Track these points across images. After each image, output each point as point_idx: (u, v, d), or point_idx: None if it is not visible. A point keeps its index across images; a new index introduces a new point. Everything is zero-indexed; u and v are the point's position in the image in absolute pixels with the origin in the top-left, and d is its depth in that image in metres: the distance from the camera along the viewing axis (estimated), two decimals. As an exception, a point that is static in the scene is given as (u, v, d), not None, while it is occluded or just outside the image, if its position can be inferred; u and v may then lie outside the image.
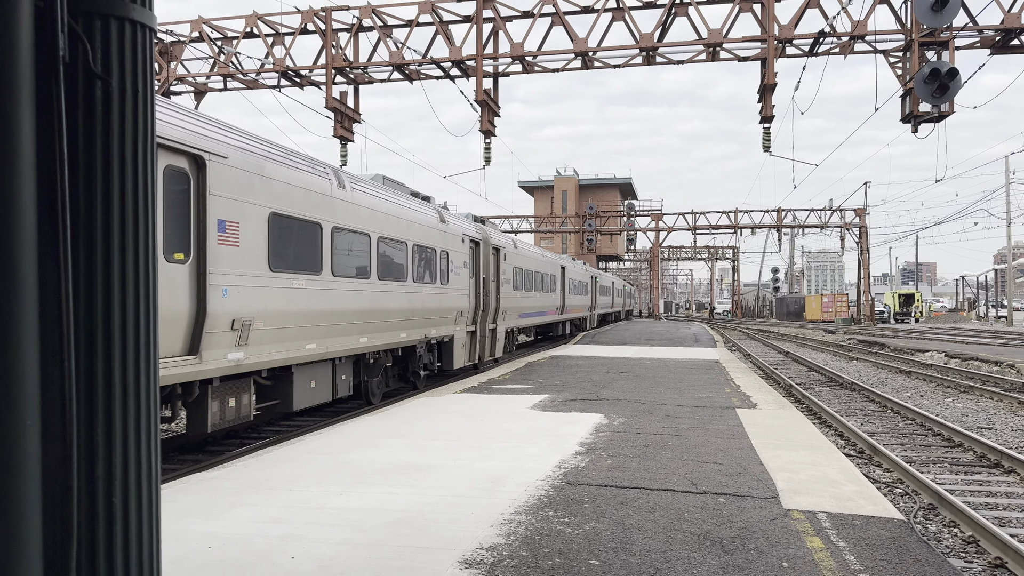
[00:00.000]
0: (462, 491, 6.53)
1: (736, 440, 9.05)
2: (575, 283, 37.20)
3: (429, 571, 4.55)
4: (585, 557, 4.87)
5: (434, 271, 15.55)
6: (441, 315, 15.95)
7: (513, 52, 20.04)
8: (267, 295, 9.22)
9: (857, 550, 5.17)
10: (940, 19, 16.22)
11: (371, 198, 12.54)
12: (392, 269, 13.24)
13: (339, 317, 11.12)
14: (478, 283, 18.66)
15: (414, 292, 14.28)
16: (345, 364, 11.92)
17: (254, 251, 9.01)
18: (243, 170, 8.87)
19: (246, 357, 8.82)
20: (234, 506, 6.00)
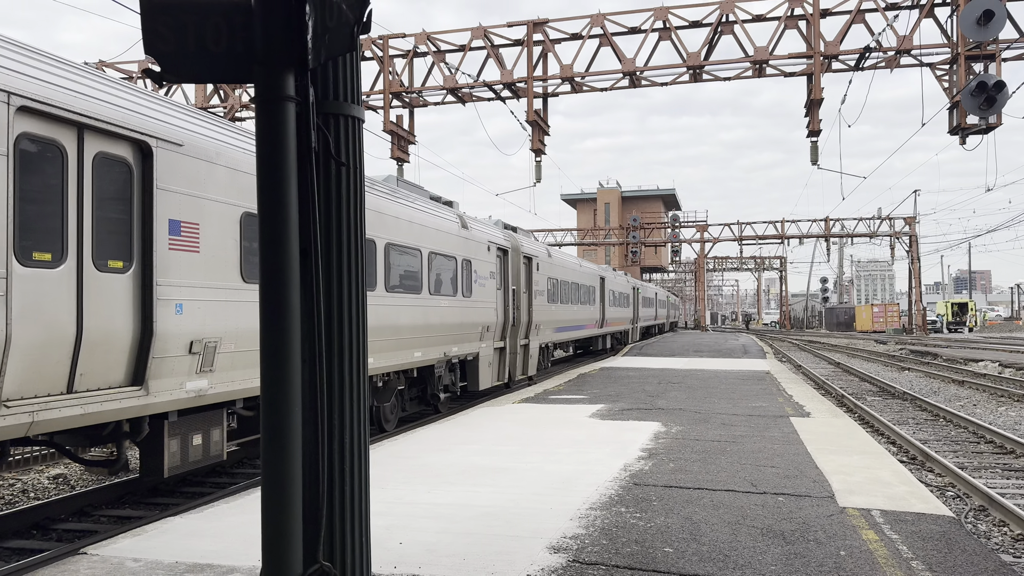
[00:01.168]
0: (538, 490, 7.13)
1: (791, 446, 9.49)
2: (616, 295, 35.80)
3: (523, 555, 5.16)
4: (660, 545, 5.43)
5: (455, 282, 14.11)
6: (464, 331, 14.54)
7: (562, 73, 20.72)
8: (240, 311, 7.81)
9: (909, 542, 5.62)
10: (986, 33, 16.44)
11: (378, 199, 11.26)
12: (403, 280, 11.98)
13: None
14: (507, 295, 17.35)
15: (430, 306, 12.91)
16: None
17: (221, 258, 7.64)
18: (205, 161, 7.47)
19: (211, 386, 7.48)
20: (337, 501, 6.70)
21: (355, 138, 2.52)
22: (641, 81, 20.78)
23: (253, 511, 6.45)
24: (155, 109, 7.08)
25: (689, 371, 21.27)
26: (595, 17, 20.32)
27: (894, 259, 62.00)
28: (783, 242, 63.12)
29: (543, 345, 21.35)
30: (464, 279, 14.59)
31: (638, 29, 20.57)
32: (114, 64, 23.18)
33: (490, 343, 16.22)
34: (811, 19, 19.20)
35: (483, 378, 15.73)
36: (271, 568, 2.26)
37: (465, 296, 14.59)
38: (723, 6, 19.62)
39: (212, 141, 7.70)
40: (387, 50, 21.60)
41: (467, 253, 14.77)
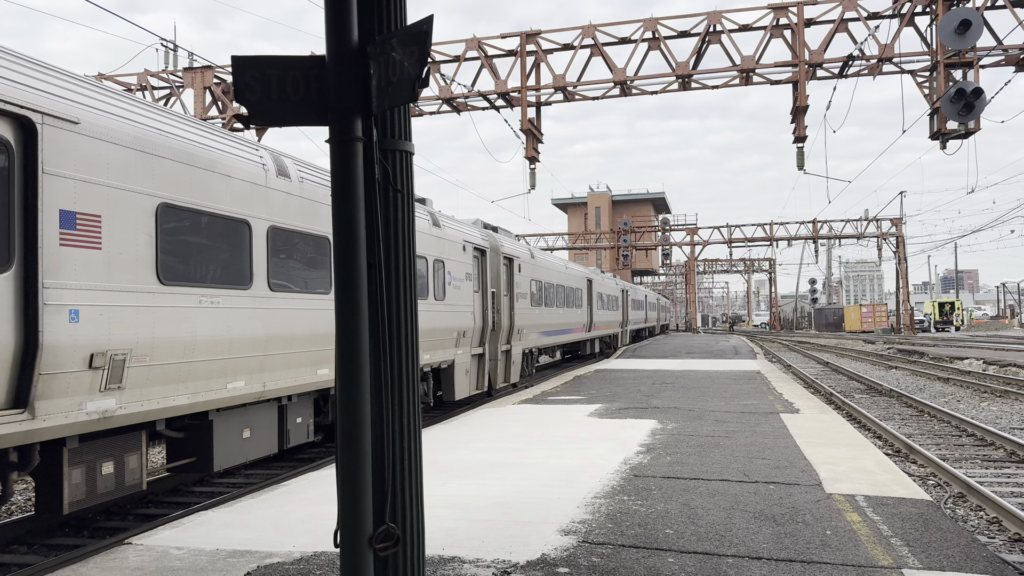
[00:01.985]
0: (545, 482, 7.60)
1: (781, 440, 9.99)
2: (604, 297, 34.79)
3: (536, 537, 5.62)
4: (660, 527, 5.90)
5: (424, 284, 13.05)
6: (436, 336, 13.51)
7: (555, 83, 21.24)
8: (157, 318, 6.81)
9: (890, 522, 6.12)
10: (964, 41, 17.05)
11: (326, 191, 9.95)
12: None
13: (282, 344, 8.70)
14: (485, 298, 16.36)
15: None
16: (300, 404, 9.56)
17: (131, 256, 6.60)
18: (110, 142, 6.46)
19: (121, 405, 6.43)
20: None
21: (407, 169, 2.99)
22: (631, 90, 21.33)
23: (279, 504, 6.89)
24: (42, 80, 6.00)
25: (682, 372, 21.78)
26: (586, 28, 20.86)
27: (881, 260, 62.83)
28: (772, 244, 63.86)
29: (527, 350, 20.40)
30: (436, 281, 13.55)
31: (628, 39, 21.12)
32: (114, 76, 23.55)
33: (467, 349, 15.21)
34: (796, 29, 19.80)
35: (459, 387, 14.73)
36: (348, 528, 2.72)
37: (437, 299, 13.57)
38: (710, 17, 20.19)
39: (119, 120, 6.56)
40: (383, 61, 22.09)
41: (439, 253, 13.73)
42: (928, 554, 5.30)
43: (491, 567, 4.98)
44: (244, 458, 8.45)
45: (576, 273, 27.78)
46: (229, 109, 23.19)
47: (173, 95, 23.85)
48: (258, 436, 8.78)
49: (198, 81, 22.94)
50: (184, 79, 23.23)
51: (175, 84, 23.70)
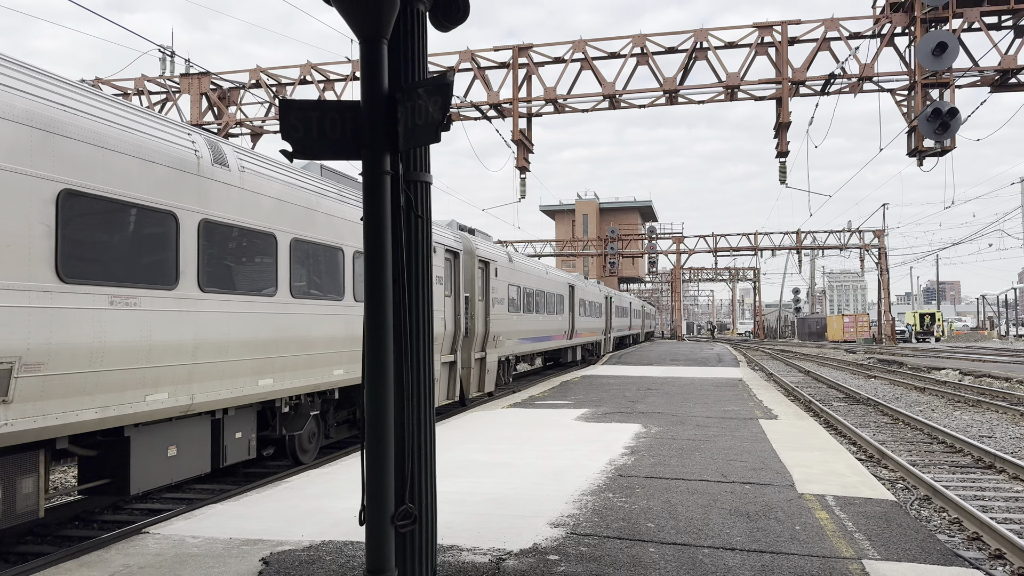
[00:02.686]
0: (535, 480, 8.04)
1: (759, 444, 10.48)
2: (587, 304, 33.81)
3: (528, 529, 6.07)
4: (643, 521, 6.36)
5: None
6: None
7: (546, 95, 21.75)
8: (55, 320, 6.03)
9: (855, 519, 6.61)
10: (940, 63, 17.70)
11: (279, 185, 9.22)
12: (318, 283, 9.98)
13: (215, 351, 7.86)
14: (458, 303, 15.63)
15: (356, 314, 10.95)
16: (239, 418, 8.79)
17: (21, 249, 5.80)
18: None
19: (7, 422, 5.69)
20: (359, 490, 7.56)
21: (426, 197, 3.44)
22: (620, 103, 21.87)
23: (284, 499, 7.29)
24: None
25: (666, 379, 22.29)
26: (577, 43, 21.39)
27: (864, 271, 63.76)
28: (756, 254, 64.68)
29: (503, 358, 19.59)
30: None
31: (617, 54, 21.66)
32: (111, 81, 23.85)
33: (436, 357, 14.44)
34: (779, 47, 20.41)
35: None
36: (374, 507, 3.15)
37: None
38: (697, 34, 20.77)
39: (6, 91, 5.77)
40: (378, 71, 22.52)
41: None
42: (887, 547, 5.78)
43: (487, 554, 5.42)
44: (170, 479, 7.68)
45: (557, 279, 27.13)
46: (225, 115, 23.54)
47: (169, 100, 24.17)
48: (187, 454, 7.94)
49: (194, 87, 23.27)
50: (180, 85, 23.56)
51: (171, 89, 24.02)
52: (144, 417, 7.03)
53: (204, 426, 8.24)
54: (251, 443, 9.08)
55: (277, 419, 9.78)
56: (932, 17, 18.78)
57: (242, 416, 8.87)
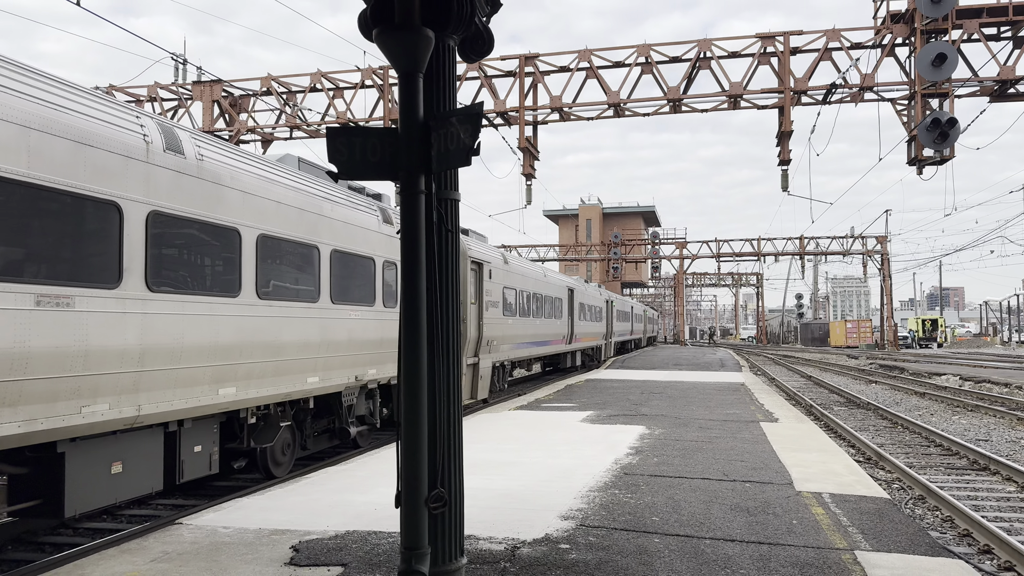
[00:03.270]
0: (543, 478, 8.41)
1: (759, 445, 10.83)
2: (587, 308, 32.76)
3: (540, 521, 6.44)
4: (648, 515, 6.73)
5: (372, 289, 11.54)
6: (386, 348, 11.96)
7: (552, 104, 22.16)
8: None
9: (849, 515, 6.96)
10: (940, 74, 18.07)
11: (245, 176, 8.50)
12: (288, 284, 9.28)
13: (165, 358, 7.11)
14: None
15: (333, 318, 10.30)
16: (198, 430, 8.11)
17: None
18: None
19: None
20: (376, 485, 7.93)
21: (455, 212, 3.82)
22: (625, 111, 22.26)
23: (306, 493, 7.66)
24: None
25: (669, 383, 22.64)
26: (582, 52, 21.79)
27: (866, 276, 64.05)
28: (759, 259, 65.02)
29: (498, 363, 18.76)
30: (386, 285, 11.96)
31: (622, 63, 22.07)
32: (124, 88, 24.30)
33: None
34: (782, 56, 20.80)
35: None
36: (410, 491, 3.52)
37: (388, 306, 11.98)
38: (701, 44, 21.16)
39: None
40: (387, 79, 22.93)
41: (390, 253, 12.19)
42: (879, 540, 6.14)
43: (503, 543, 5.79)
44: (114, 498, 7.01)
45: (556, 282, 26.37)
46: (236, 122, 23.98)
47: (182, 107, 24.61)
48: (135, 470, 7.24)
49: (207, 94, 23.72)
50: (193, 92, 24.00)
51: (184, 96, 24.47)
52: (81, 431, 6.36)
53: (155, 440, 7.45)
54: (212, 457, 8.34)
55: (246, 431, 9.08)
56: (932, 28, 19.15)
57: (201, 428, 8.14)
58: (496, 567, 5.22)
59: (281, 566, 5.29)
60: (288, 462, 10.16)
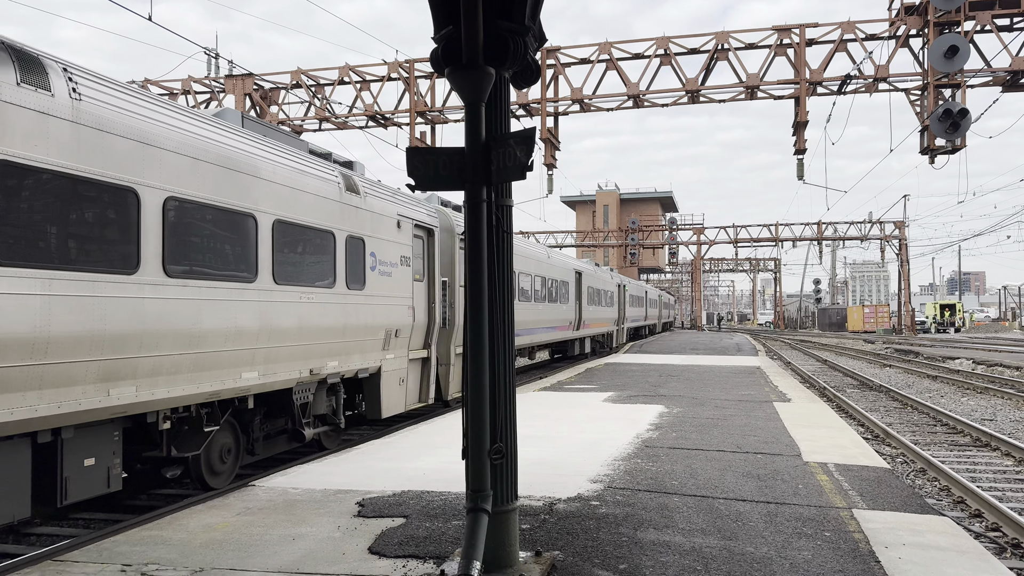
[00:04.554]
0: (571, 449, 9.21)
1: (771, 422, 11.57)
2: (596, 292, 31.00)
3: (572, 484, 7.24)
4: (667, 480, 7.51)
5: (332, 267, 9.92)
6: (351, 337, 10.35)
7: (573, 95, 22.82)
8: None
9: (850, 480, 7.71)
10: (952, 65, 18.55)
11: (142, 123, 6.88)
12: (213, 260, 7.65)
13: (21, 350, 5.67)
14: (431, 289, 13.17)
15: (277, 301, 8.62)
16: (87, 439, 6.64)
17: None
18: None
19: None
20: (420, 455, 8.78)
21: (509, 217, 4.58)
22: (644, 103, 22.88)
23: (359, 461, 8.51)
24: None
25: (686, 366, 23.37)
26: (602, 45, 22.41)
27: (884, 262, 64.19)
28: (777, 245, 65.32)
29: None
30: (350, 264, 10.36)
31: (641, 55, 22.67)
32: (159, 82, 25.21)
33: (401, 352, 11.97)
34: (798, 48, 21.31)
35: (388, 401, 11.52)
36: (475, 444, 4.32)
37: (353, 288, 10.39)
38: (719, 36, 21.72)
39: None
40: (413, 72, 23.67)
41: (356, 228, 10.57)
42: (875, 501, 6.89)
43: (541, 500, 6.60)
44: None
45: (561, 264, 24.73)
46: (267, 114, 24.81)
47: (214, 99, 25.49)
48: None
49: (239, 88, 24.58)
50: (225, 85, 24.87)
51: (216, 89, 25.34)
52: None
53: (16, 453, 5.93)
54: (113, 471, 6.88)
55: (164, 438, 7.69)
56: (945, 20, 19.61)
57: (91, 437, 6.66)
58: (537, 518, 6.04)
59: (351, 517, 6.14)
60: (229, 471, 8.77)
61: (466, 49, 4.20)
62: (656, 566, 4.97)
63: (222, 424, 8.53)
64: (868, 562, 5.13)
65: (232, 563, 5.08)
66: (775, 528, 5.89)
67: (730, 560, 5.11)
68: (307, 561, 5.08)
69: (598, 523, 5.94)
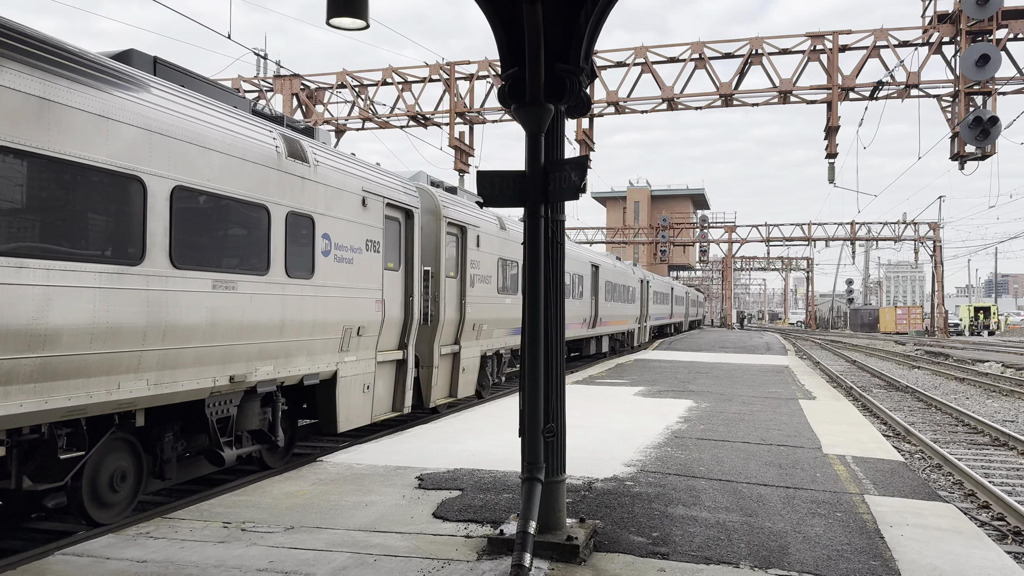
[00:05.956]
0: (606, 438, 9.94)
1: (795, 418, 12.20)
2: (615, 287, 28.79)
3: (607, 467, 7.99)
4: (695, 466, 8.22)
5: (264, 249, 7.98)
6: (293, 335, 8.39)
7: (608, 98, 23.46)
8: None
9: (865, 471, 8.35)
10: (983, 73, 18.89)
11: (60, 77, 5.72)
12: (71, 235, 5.88)
13: None
14: (409, 279, 11.42)
15: (176, 290, 6.76)
16: None
17: None
18: None
19: None
20: (465, 440, 9.58)
21: (562, 230, 5.32)
22: (678, 105, 23.45)
23: (411, 442, 9.32)
24: None
25: (715, 364, 23.94)
26: (638, 49, 23.01)
27: (918, 263, 63.84)
28: (810, 244, 65.24)
29: (490, 352, 15.33)
30: (292, 247, 8.46)
31: (676, 59, 23.23)
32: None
33: (366, 354, 10.19)
34: (831, 54, 21.75)
35: (348, 412, 9.76)
36: (531, 423, 5.07)
37: (296, 276, 8.49)
38: (753, 41, 22.22)
39: None
40: (453, 74, 24.48)
41: (301, 203, 8.62)
42: (886, 488, 7.54)
43: (580, 480, 7.36)
44: None
45: (576, 256, 22.52)
46: (313, 113, 25.80)
47: (262, 98, 26.53)
48: None
49: (286, 88, 25.57)
50: (274, 85, 25.88)
51: (264, 88, 26.37)
52: None
53: None
54: None
55: (13, 465, 6.10)
56: (977, 29, 19.93)
57: None
58: (578, 494, 6.79)
59: (413, 488, 6.95)
60: (125, 501, 7.04)
61: (530, 88, 4.95)
62: (684, 535, 5.70)
63: (104, 445, 6.71)
64: (873, 538, 5.81)
65: (317, 523, 5.90)
66: (792, 508, 6.58)
67: (750, 532, 5.82)
68: (382, 522, 5.89)
69: (632, 499, 6.68)
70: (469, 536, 5.58)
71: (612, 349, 30.47)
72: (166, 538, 5.55)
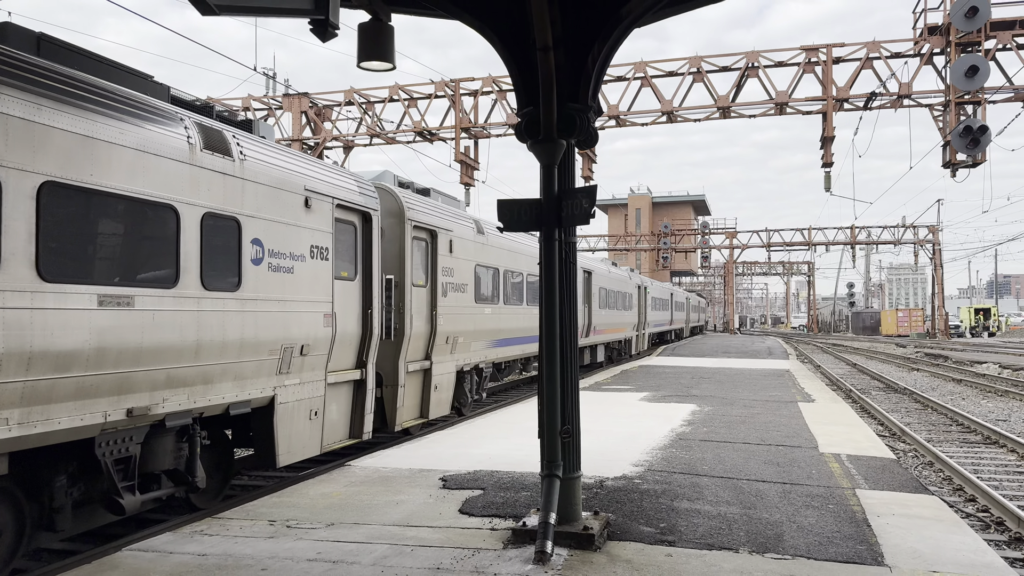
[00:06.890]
0: (613, 441, 10.51)
1: (794, 419, 12.76)
2: (610, 294, 27.62)
3: (616, 467, 8.56)
4: (698, 465, 8.80)
5: (173, 258, 6.75)
6: (213, 357, 7.12)
7: (609, 112, 24.10)
8: None
9: (858, 468, 8.91)
10: (972, 84, 19.52)
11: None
12: None
13: None
14: (367, 290, 10.17)
15: (50, 307, 5.56)
16: None
17: None
18: None
19: None
20: (482, 444, 10.15)
21: (574, 251, 5.91)
22: (677, 118, 24.09)
23: (431, 447, 9.90)
24: None
25: (718, 369, 24.50)
26: (638, 64, 23.67)
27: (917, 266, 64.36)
28: (810, 249, 65.81)
29: (467, 367, 13.97)
30: (210, 254, 7.22)
31: (675, 73, 23.89)
32: (221, 100, 26.97)
33: (314, 376, 8.93)
34: (825, 66, 22.39)
35: (290, 443, 8.47)
36: (549, 425, 5.65)
37: (215, 289, 7.27)
38: (749, 55, 22.87)
39: None
40: (458, 90, 25.14)
41: (223, 203, 7.40)
42: (877, 483, 8.10)
43: (591, 479, 7.93)
44: None
45: None
46: (321, 130, 26.47)
47: (271, 116, 27.20)
48: None
49: (295, 106, 26.25)
50: (283, 103, 26.56)
51: (273, 107, 27.05)
52: None
53: None
54: None
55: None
56: (966, 41, 20.56)
57: None
58: (591, 492, 7.37)
59: (438, 489, 7.53)
60: (2, 560, 5.87)
61: (544, 126, 5.55)
62: (689, 525, 6.27)
63: None
64: (861, 526, 6.38)
65: (354, 519, 6.48)
66: (788, 501, 7.16)
67: (749, 522, 6.40)
68: (413, 518, 6.47)
69: (641, 495, 7.26)
70: (494, 529, 6.16)
71: (609, 358, 29.33)
72: (219, 535, 6.13)
